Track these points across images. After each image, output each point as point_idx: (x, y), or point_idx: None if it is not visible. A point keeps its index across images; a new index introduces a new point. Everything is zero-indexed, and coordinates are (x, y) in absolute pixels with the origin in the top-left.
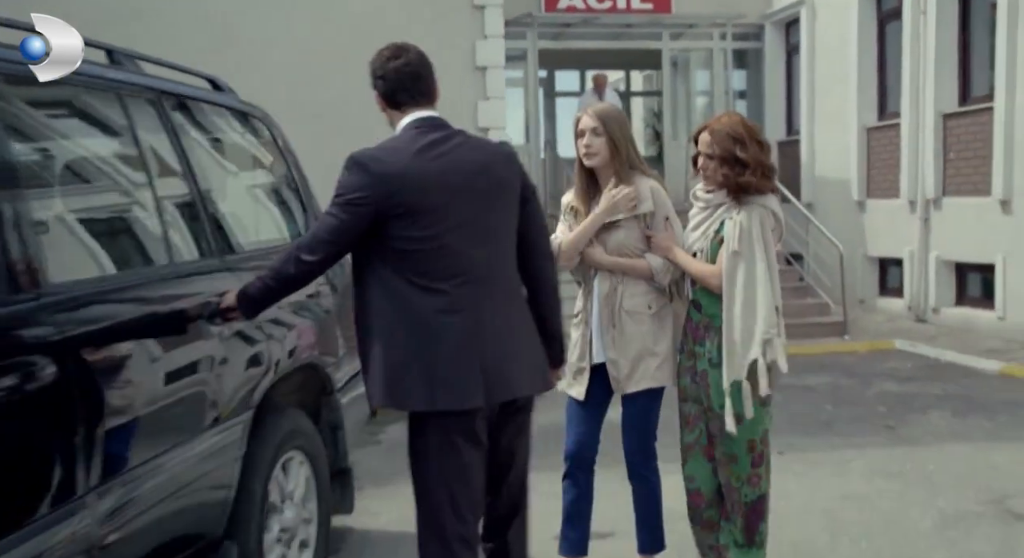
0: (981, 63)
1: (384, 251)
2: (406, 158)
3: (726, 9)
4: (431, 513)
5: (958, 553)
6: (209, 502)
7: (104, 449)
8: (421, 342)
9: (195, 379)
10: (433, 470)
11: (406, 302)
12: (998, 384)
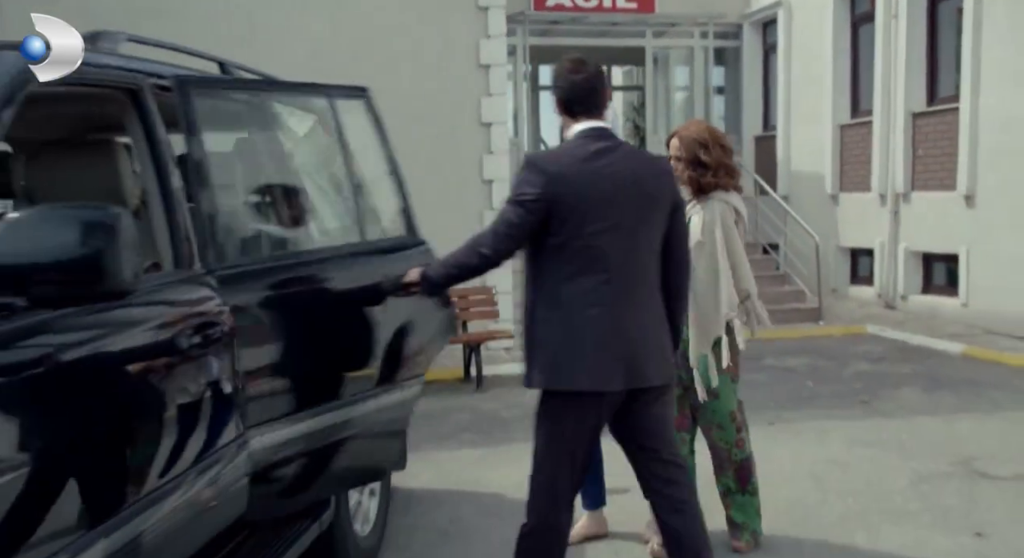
0: (948, 66)
1: (544, 247)
2: (576, 163)
3: (706, 9)
4: (552, 473)
5: (931, 505)
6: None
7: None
8: (570, 331)
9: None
10: (562, 439)
11: (559, 295)
12: (961, 364)
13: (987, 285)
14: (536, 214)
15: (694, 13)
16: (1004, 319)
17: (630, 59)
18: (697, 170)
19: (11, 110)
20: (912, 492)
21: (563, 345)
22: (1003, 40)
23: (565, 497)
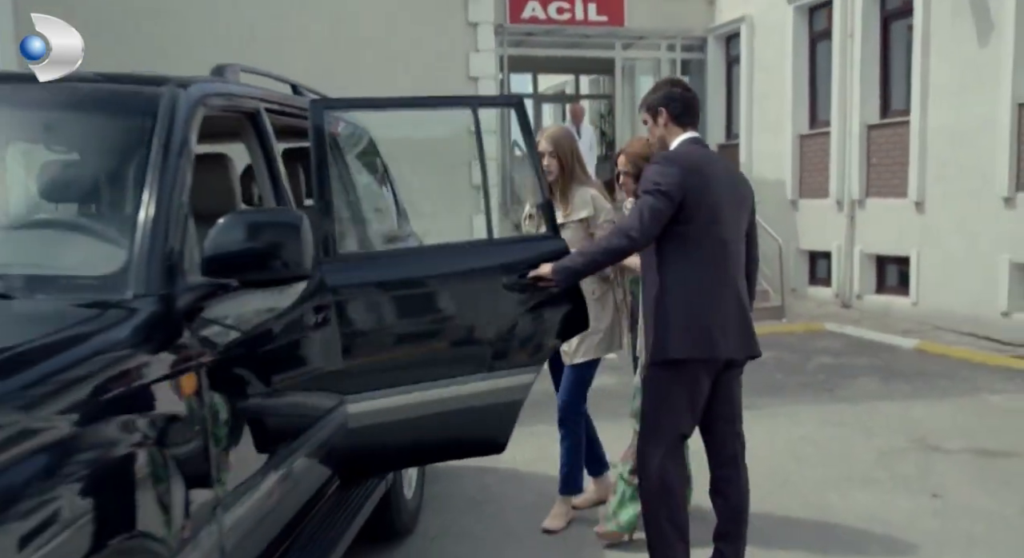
0: (899, 81)
1: (672, 234)
2: (699, 163)
3: (673, 24)
4: (663, 436)
5: (892, 474)
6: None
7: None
8: (703, 308)
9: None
10: (690, 402)
11: (690, 276)
12: (914, 357)
13: (935, 285)
14: (673, 205)
15: (662, 27)
16: (951, 316)
17: (599, 69)
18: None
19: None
20: (876, 463)
21: (698, 319)
22: (949, 59)
23: (683, 452)
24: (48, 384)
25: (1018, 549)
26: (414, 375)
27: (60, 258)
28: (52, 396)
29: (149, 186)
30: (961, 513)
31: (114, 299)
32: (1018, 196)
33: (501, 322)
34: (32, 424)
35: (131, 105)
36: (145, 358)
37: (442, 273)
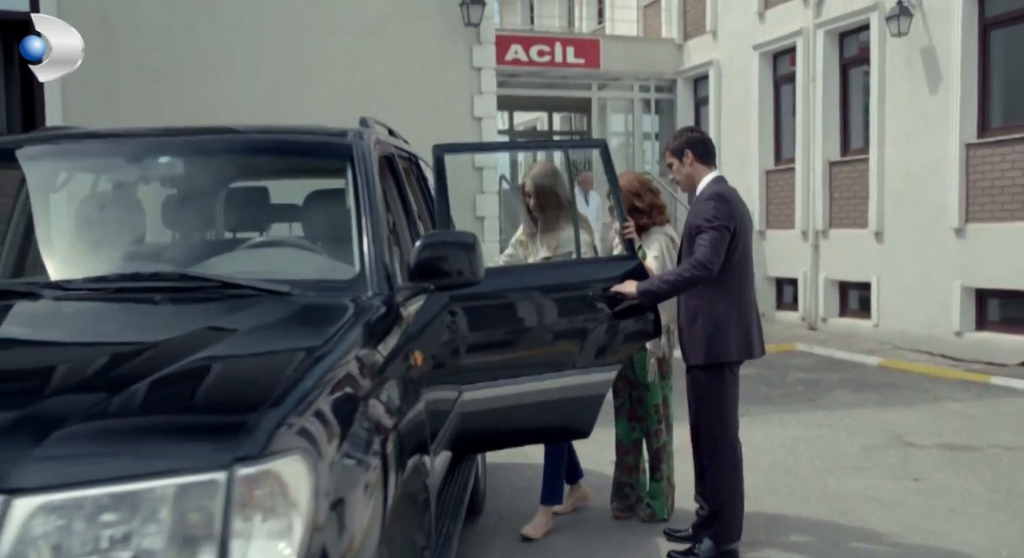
0: (858, 123)
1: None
2: (735, 197)
3: (645, 66)
4: (729, 421)
5: (877, 464)
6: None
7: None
8: (745, 319)
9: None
10: (733, 395)
11: (732, 294)
12: (879, 372)
13: (894, 309)
14: (731, 233)
15: (634, 69)
16: (909, 337)
17: (575, 108)
18: (635, 215)
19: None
20: (862, 456)
21: (743, 327)
22: (903, 104)
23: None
24: (364, 335)
25: (987, 517)
26: (515, 370)
27: (309, 269)
28: (370, 338)
29: (362, 214)
30: (938, 492)
31: (362, 296)
32: (968, 227)
33: (586, 328)
34: (369, 351)
35: (331, 151)
36: (391, 324)
37: (541, 285)
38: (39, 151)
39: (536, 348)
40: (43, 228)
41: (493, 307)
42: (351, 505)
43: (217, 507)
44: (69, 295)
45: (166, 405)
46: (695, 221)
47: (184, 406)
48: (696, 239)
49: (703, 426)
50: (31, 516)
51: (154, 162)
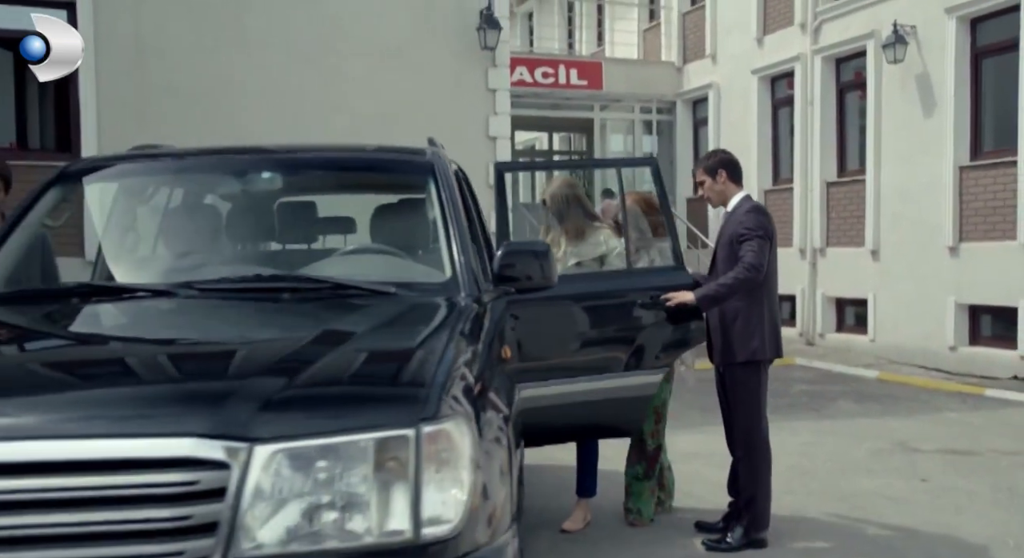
0: (854, 144)
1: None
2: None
3: (646, 89)
4: (763, 416)
5: (886, 466)
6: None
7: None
8: (774, 321)
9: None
10: (765, 391)
11: (765, 298)
12: (878, 385)
13: (890, 324)
14: (769, 245)
15: (635, 91)
16: (904, 351)
17: (577, 128)
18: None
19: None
20: (870, 459)
21: (774, 328)
22: (899, 126)
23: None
24: (473, 329)
25: (992, 513)
26: (568, 370)
27: (403, 273)
28: (477, 333)
29: (448, 223)
30: (945, 491)
31: (455, 297)
32: (961, 246)
33: (635, 333)
34: (481, 343)
35: (415, 167)
36: (485, 322)
37: (593, 292)
38: (152, 167)
39: (585, 351)
40: (160, 235)
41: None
42: (493, 466)
43: (410, 457)
44: (202, 294)
45: (354, 378)
46: (738, 230)
47: (369, 379)
48: (742, 246)
49: (740, 420)
50: (267, 460)
51: (257, 177)
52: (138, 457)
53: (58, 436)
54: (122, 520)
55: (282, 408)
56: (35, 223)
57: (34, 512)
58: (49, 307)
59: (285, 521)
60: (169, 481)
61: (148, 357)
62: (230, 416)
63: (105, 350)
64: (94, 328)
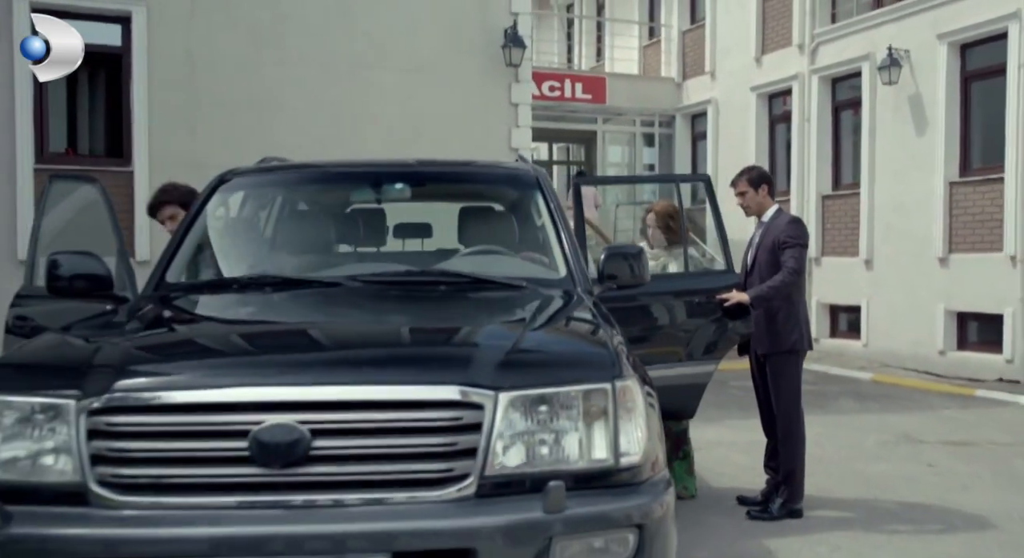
0: (848, 159)
1: None
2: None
3: (646, 103)
4: (799, 400)
5: (893, 454)
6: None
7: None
8: (805, 315)
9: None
10: (800, 380)
11: (800, 297)
12: (873, 386)
13: (882, 330)
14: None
15: (637, 105)
16: (896, 356)
17: (575, 139)
18: (668, 234)
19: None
20: (879, 449)
21: (807, 323)
22: (892, 143)
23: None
24: (604, 316)
25: (995, 492)
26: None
27: (522, 270)
28: (606, 319)
29: (557, 227)
30: (951, 474)
31: (572, 290)
32: (951, 257)
33: (692, 328)
34: (611, 324)
35: (523, 179)
36: (598, 306)
37: (661, 291)
38: (301, 176)
39: (650, 342)
40: (312, 236)
41: (627, 308)
42: (652, 420)
43: (608, 404)
44: (365, 285)
45: (557, 346)
46: (780, 237)
47: (568, 347)
48: (784, 252)
49: (782, 403)
50: (508, 404)
51: (391, 188)
52: (420, 399)
53: (363, 383)
54: (409, 445)
55: (514, 367)
56: (203, 222)
57: (348, 437)
58: (260, 293)
59: (520, 448)
60: (442, 417)
61: (395, 329)
62: (481, 372)
63: (356, 322)
64: (327, 307)
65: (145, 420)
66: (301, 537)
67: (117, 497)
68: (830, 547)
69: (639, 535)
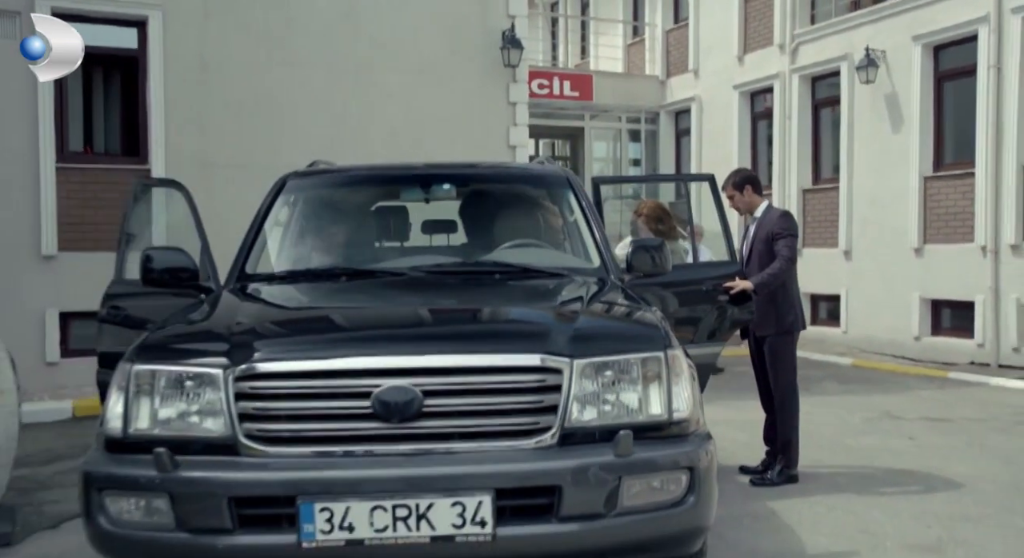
0: (828, 155)
1: None
2: None
3: (632, 100)
4: (795, 375)
5: (877, 429)
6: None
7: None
8: (799, 298)
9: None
10: (795, 357)
11: (794, 283)
12: (853, 370)
13: (861, 318)
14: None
15: (623, 103)
16: (873, 342)
17: (561, 135)
18: (659, 233)
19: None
20: (864, 425)
21: (800, 305)
22: (869, 140)
23: None
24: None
25: (971, 461)
26: None
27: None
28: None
29: (589, 222)
30: (931, 446)
31: (607, 278)
32: (925, 247)
33: (700, 313)
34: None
35: (555, 179)
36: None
37: (674, 280)
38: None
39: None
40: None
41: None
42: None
43: (662, 370)
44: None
45: (614, 321)
46: (774, 229)
47: (624, 322)
48: (777, 243)
49: (779, 378)
50: (580, 369)
51: (439, 188)
52: (511, 365)
53: (464, 352)
54: (503, 403)
55: (583, 339)
56: (272, 220)
57: (453, 397)
58: (337, 282)
59: (592, 406)
60: (528, 380)
61: (479, 308)
62: (557, 343)
63: (440, 303)
64: (406, 292)
65: (284, 384)
66: (419, 478)
67: (262, 448)
68: (827, 507)
69: (690, 476)
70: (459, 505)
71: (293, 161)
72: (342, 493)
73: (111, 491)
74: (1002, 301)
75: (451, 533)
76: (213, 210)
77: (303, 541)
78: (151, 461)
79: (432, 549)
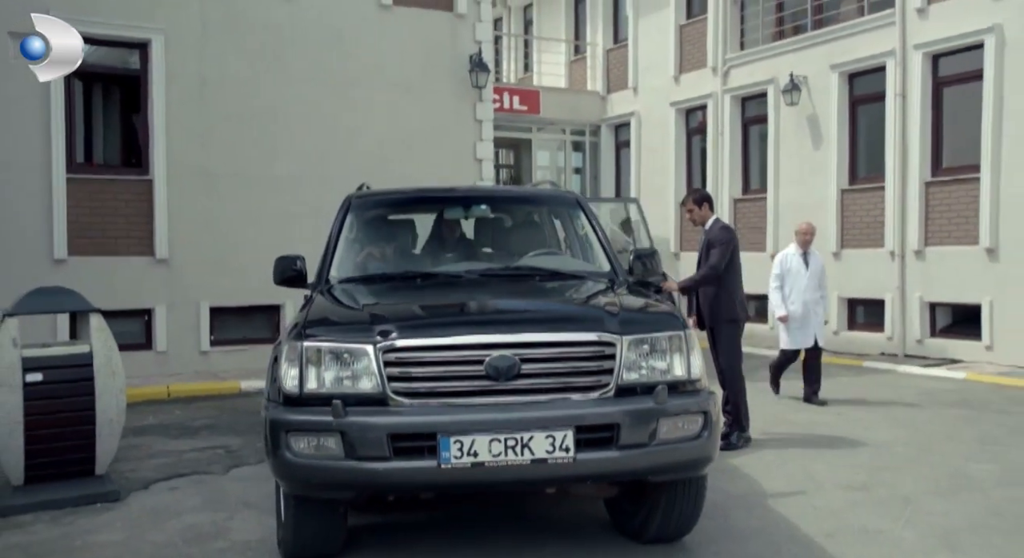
0: (756, 168)
1: (729, 264)
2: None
3: (576, 114)
4: (739, 356)
5: (807, 408)
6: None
7: None
8: (741, 295)
9: None
10: (740, 340)
11: (738, 281)
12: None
13: None
14: (732, 249)
15: (567, 117)
16: None
17: (506, 145)
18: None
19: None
20: (800, 405)
21: (743, 301)
22: (794, 155)
23: None
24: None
25: (886, 430)
26: None
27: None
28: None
29: (598, 234)
30: (854, 419)
31: (617, 280)
32: (843, 251)
33: None
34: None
35: (565, 201)
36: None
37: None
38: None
39: None
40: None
41: None
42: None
43: (683, 344)
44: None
45: (647, 308)
46: (713, 238)
47: (653, 310)
48: (710, 252)
49: (728, 361)
50: (627, 344)
51: (477, 207)
52: (580, 340)
53: (547, 331)
54: (575, 367)
55: (628, 322)
56: (344, 234)
57: (541, 363)
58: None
59: (636, 369)
60: (592, 351)
61: (545, 300)
62: (611, 325)
63: (510, 296)
64: (478, 289)
65: (420, 355)
66: (522, 419)
67: (405, 400)
68: (778, 462)
69: (704, 418)
70: (551, 437)
71: (287, 171)
72: (468, 431)
73: (294, 432)
74: (908, 299)
75: (545, 457)
76: (214, 215)
77: (442, 464)
78: (324, 410)
79: (532, 468)
